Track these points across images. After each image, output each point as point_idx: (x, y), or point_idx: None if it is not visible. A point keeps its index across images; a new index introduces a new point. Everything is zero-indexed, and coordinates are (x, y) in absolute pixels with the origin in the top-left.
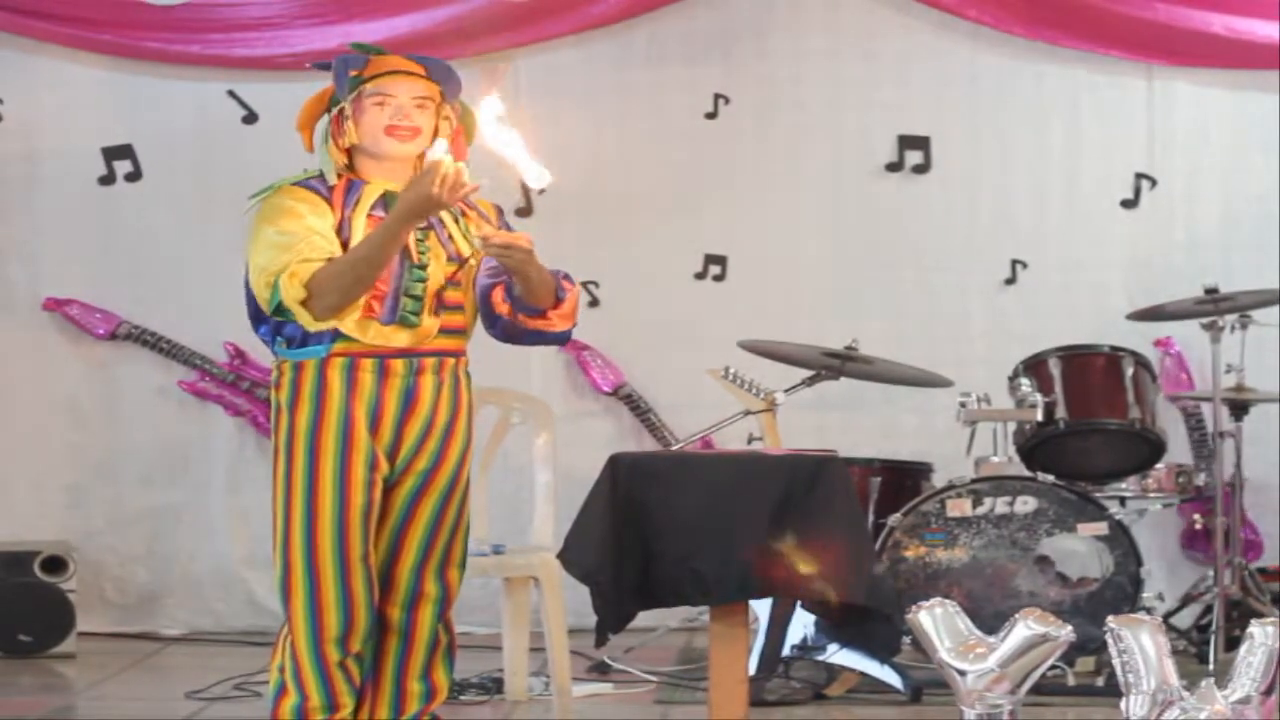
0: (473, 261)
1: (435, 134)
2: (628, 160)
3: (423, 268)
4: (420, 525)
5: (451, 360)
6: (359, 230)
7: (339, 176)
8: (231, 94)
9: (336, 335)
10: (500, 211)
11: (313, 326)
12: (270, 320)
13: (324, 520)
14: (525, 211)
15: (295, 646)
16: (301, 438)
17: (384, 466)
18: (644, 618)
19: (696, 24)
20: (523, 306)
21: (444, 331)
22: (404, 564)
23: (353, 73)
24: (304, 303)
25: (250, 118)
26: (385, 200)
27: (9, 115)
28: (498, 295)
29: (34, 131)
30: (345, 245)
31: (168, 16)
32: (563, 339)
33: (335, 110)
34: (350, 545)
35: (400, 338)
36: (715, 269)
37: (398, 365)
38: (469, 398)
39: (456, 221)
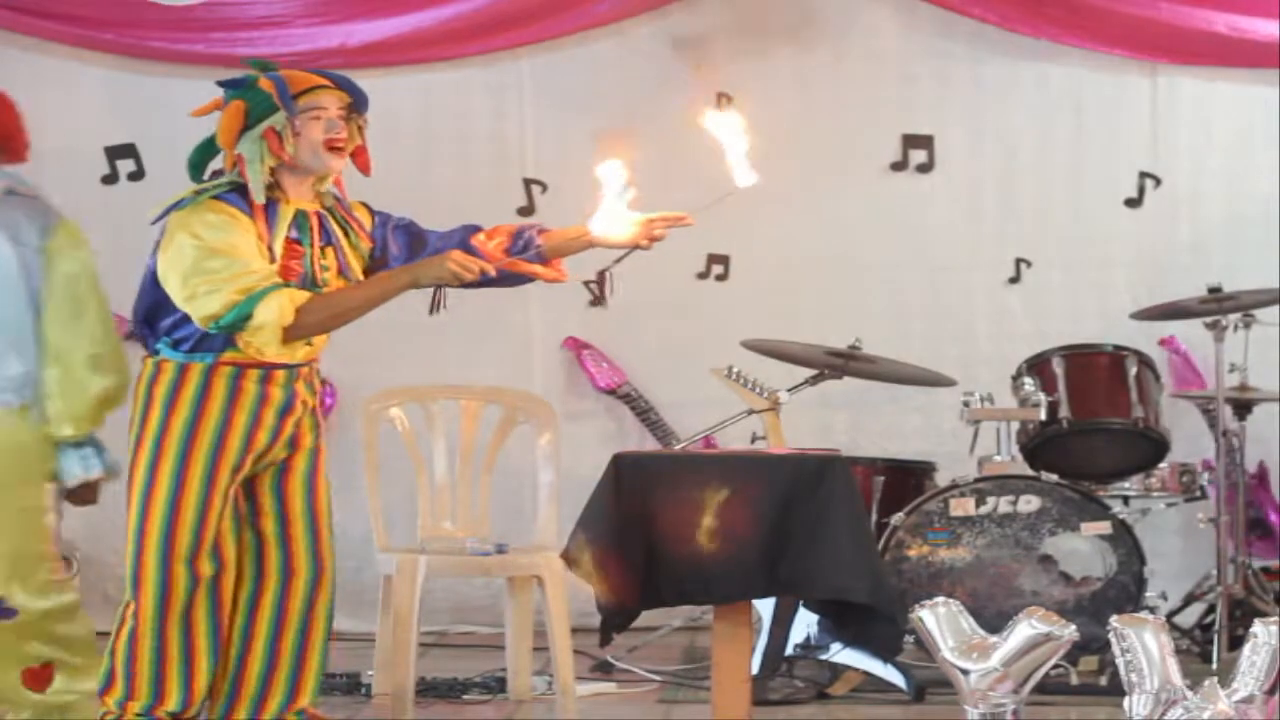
0: (357, 277)
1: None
2: (630, 158)
3: (323, 286)
4: (292, 506)
5: (311, 365)
6: (276, 251)
7: (242, 188)
8: None
9: (227, 344)
10: (368, 207)
11: (269, 346)
12: (164, 320)
13: (183, 520)
14: (526, 211)
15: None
16: (175, 436)
17: (246, 468)
18: (647, 617)
19: (700, 22)
20: (534, 257)
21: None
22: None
23: (281, 89)
24: (287, 327)
25: None
26: (297, 220)
27: None
28: (483, 240)
29: (37, 130)
30: None
31: (171, 16)
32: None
33: (266, 127)
34: (202, 544)
35: (287, 353)
36: (718, 268)
37: (280, 376)
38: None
39: (347, 235)
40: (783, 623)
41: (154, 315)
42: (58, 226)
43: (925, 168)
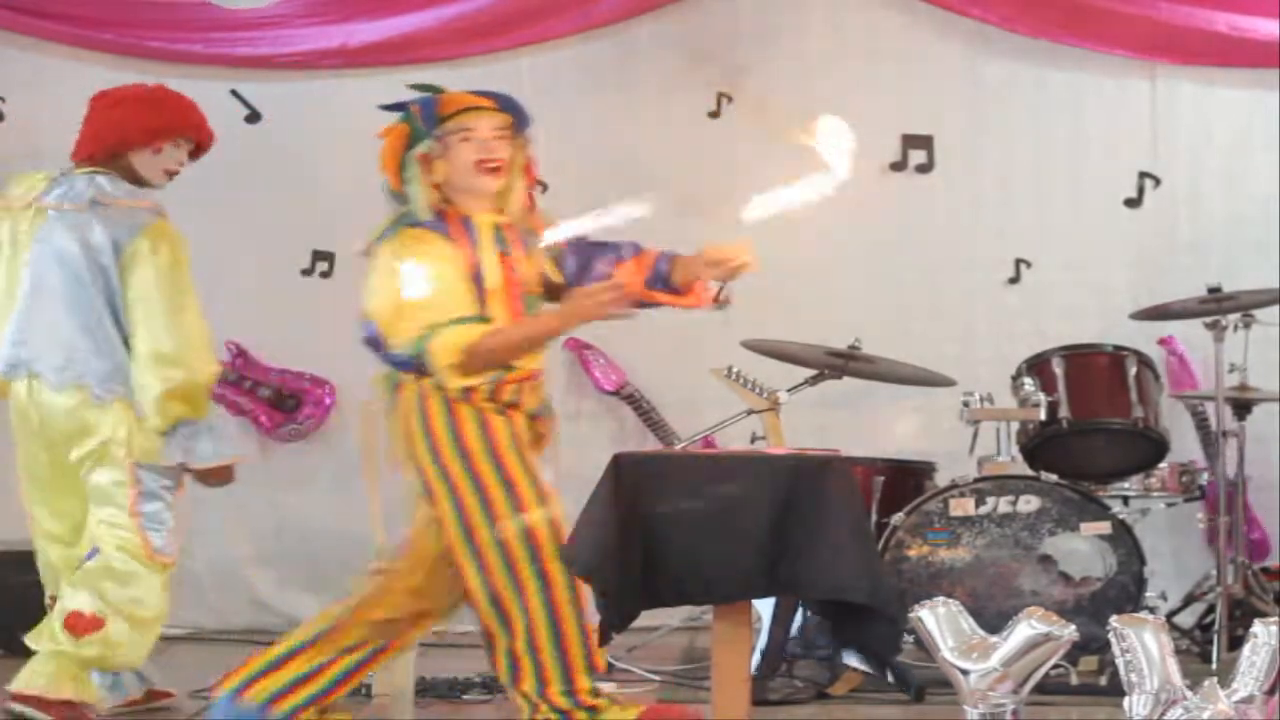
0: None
1: (513, 163)
2: (630, 159)
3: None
4: None
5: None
6: (491, 268)
7: (439, 212)
8: (234, 93)
9: None
10: (549, 221)
11: (452, 383)
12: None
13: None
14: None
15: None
16: (476, 440)
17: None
18: (647, 617)
19: (699, 23)
20: (670, 287)
21: None
22: None
23: (430, 111)
24: (454, 365)
25: (253, 116)
26: (497, 234)
27: (11, 114)
28: (621, 272)
29: (36, 130)
30: (480, 285)
31: (170, 16)
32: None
33: (420, 150)
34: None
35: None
36: None
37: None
38: None
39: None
40: (783, 623)
41: (379, 341)
42: (141, 234)
43: (925, 168)
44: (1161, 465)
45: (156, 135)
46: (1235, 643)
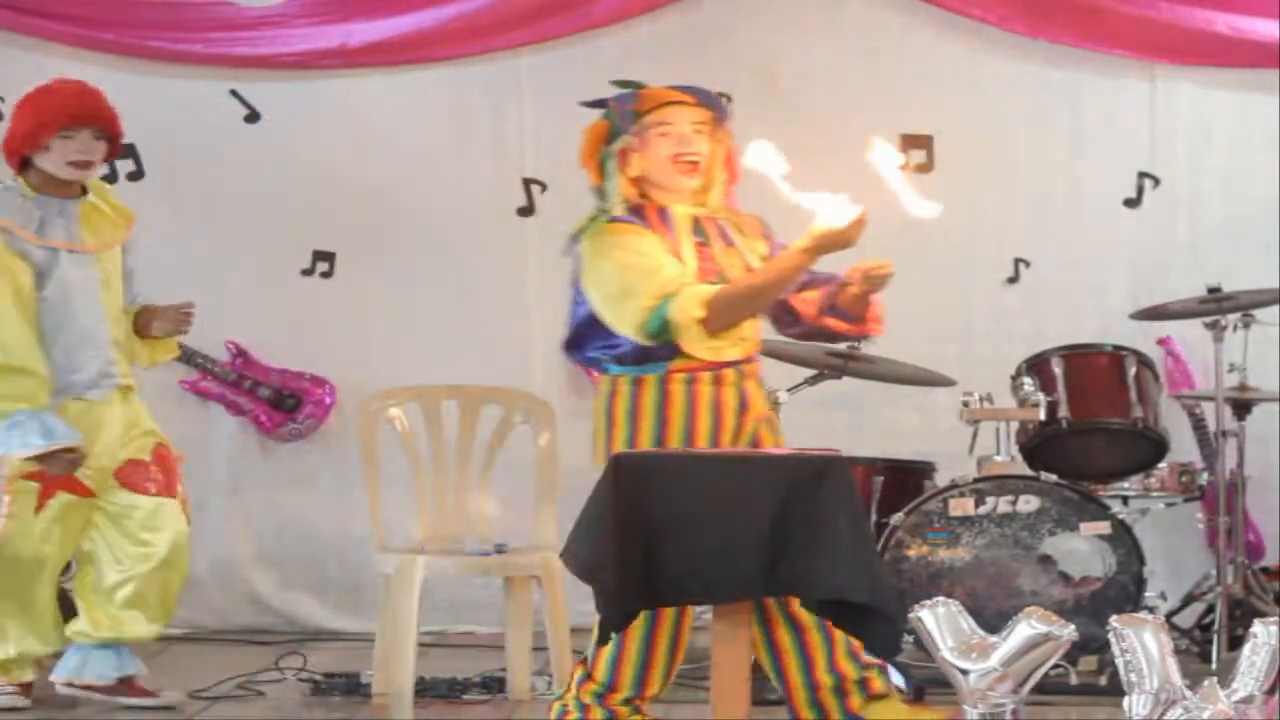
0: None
1: (713, 158)
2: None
3: None
4: None
5: (753, 364)
6: (689, 258)
7: (635, 206)
8: (233, 93)
9: (674, 353)
10: (763, 223)
11: (698, 344)
12: (598, 342)
13: None
14: (527, 211)
15: None
16: (646, 447)
17: None
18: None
19: (698, 22)
20: (841, 314)
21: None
22: None
23: (628, 107)
24: (701, 320)
25: (252, 116)
26: (696, 225)
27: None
28: (799, 300)
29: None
30: None
31: (170, 16)
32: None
33: (619, 145)
34: None
35: (730, 350)
36: None
37: (729, 375)
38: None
39: (744, 236)
40: None
41: (582, 340)
42: None
43: (924, 168)
44: (1161, 465)
45: (34, 136)
46: (1235, 643)
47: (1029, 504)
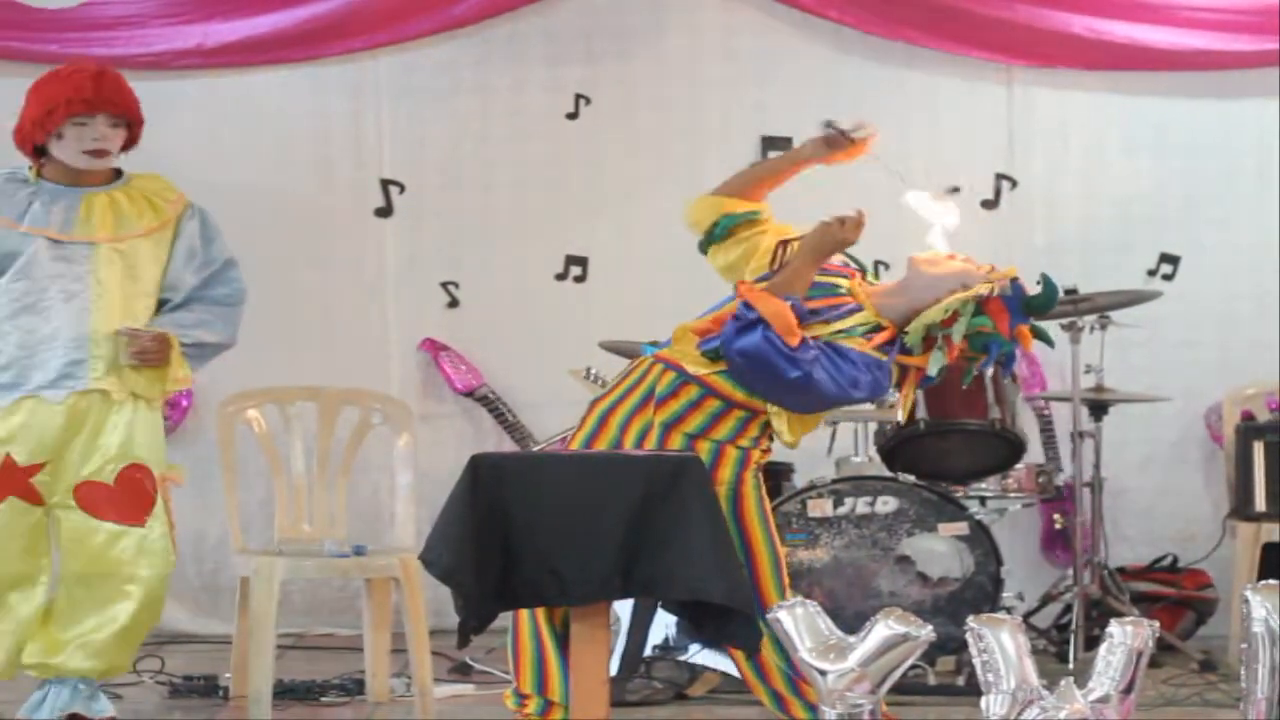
0: None
1: None
2: (488, 160)
3: None
4: None
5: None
6: None
7: None
8: None
9: None
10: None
11: None
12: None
13: None
14: (385, 211)
15: None
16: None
17: None
18: (505, 618)
19: (557, 24)
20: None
21: None
22: None
23: None
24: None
25: None
26: None
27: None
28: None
29: None
30: None
31: (25, 16)
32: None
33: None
34: None
35: None
36: (576, 269)
37: None
38: None
39: None
40: (641, 624)
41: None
42: None
43: None
44: (1018, 466)
45: (42, 123)
46: (1092, 643)
47: (887, 505)
